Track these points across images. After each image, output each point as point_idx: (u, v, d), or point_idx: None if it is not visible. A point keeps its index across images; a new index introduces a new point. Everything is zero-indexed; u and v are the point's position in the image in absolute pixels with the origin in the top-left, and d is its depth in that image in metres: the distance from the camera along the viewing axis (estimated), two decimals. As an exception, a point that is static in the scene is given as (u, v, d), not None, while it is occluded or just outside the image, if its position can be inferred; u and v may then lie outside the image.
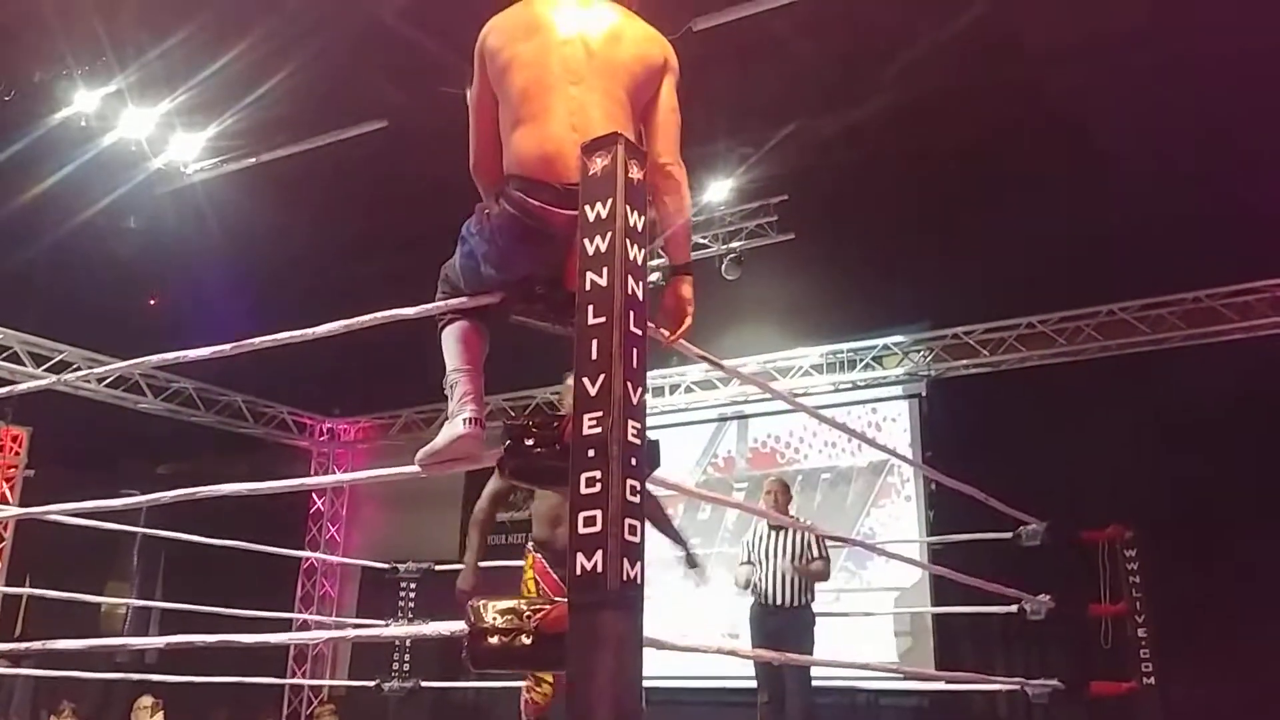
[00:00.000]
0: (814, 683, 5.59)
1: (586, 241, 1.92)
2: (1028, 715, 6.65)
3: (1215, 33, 5.46)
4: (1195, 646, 6.08)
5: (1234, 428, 6.37)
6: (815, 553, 5.86)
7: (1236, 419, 6.35)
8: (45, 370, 7.87)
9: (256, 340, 2.80)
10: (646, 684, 1.81)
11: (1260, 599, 6.15)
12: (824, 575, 5.92)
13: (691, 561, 4.41)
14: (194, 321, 7.14)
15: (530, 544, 3.92)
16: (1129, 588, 5.76)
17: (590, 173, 1.95)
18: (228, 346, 2.86)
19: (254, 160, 6.75)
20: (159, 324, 8.27)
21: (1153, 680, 5.58)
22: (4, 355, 7.77)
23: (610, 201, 1.91)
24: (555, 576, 3.66)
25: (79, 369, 7.80)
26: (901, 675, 7.23)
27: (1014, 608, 5.87)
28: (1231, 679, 6.15)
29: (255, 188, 6.99)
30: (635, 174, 1.94)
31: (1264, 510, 6.25)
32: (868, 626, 7.20)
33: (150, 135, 6.49)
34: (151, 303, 8.69)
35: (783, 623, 5.78)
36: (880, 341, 8.14)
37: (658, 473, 2.08)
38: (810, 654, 5.55)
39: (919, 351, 8.03)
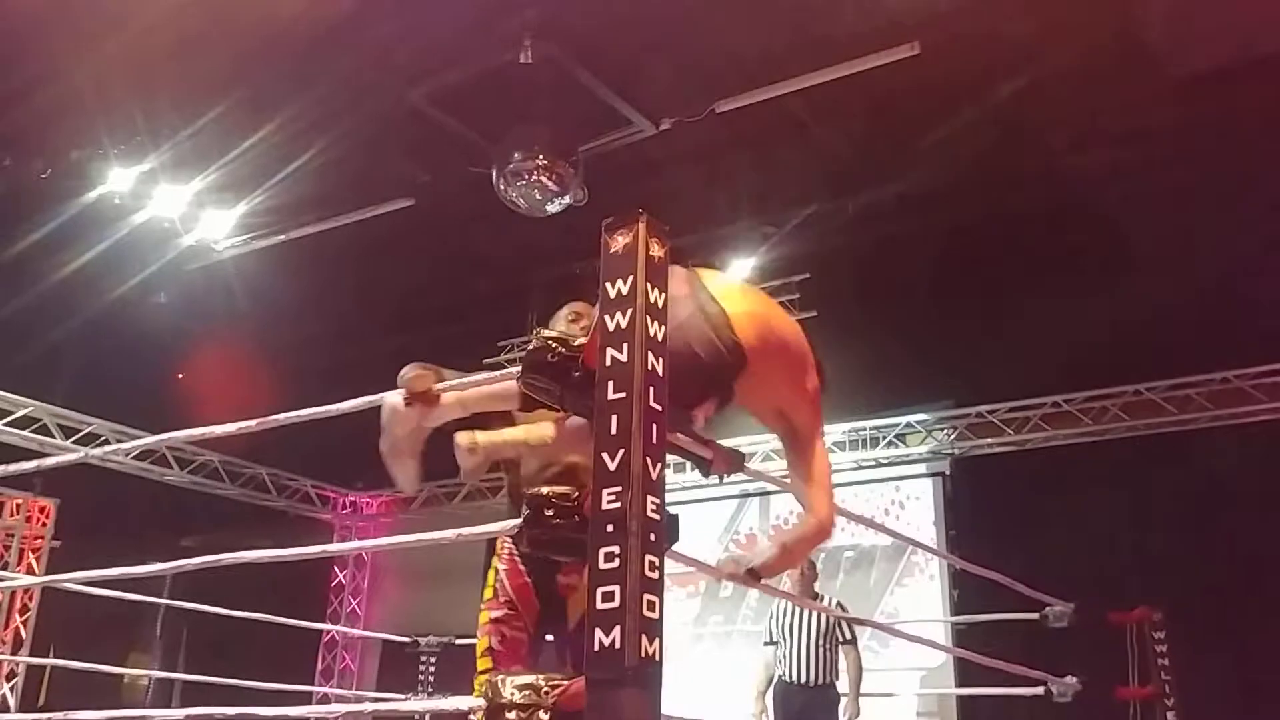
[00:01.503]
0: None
1: (607, 318, 1.95)
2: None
3: (1232, 120, 5.53)
4: (1228, 732, 5.95)
5: (1263, 509, 6.28)
6: (846, 634, 5.80)
7: (1266, 500, 6.26)
8: (74, 442, 7.95)
9: (282, 416, 2.85)
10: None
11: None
12: (858, 663, 5.85)
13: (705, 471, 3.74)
14: (221, 395, 7.22)
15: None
16: (1158, 671, 5.65)
17: (611, 250, 1.99)
18: (254, 422, 2.91)
19: (283, 237, 6.88)
20: (187, 398, 8.36)
21: (1185, 767, 5.46)
22: (34, 427, 7.86)
23: (631, 279, 1.94)
24: (528, 578, 3.02)
25: (107, 441, 7.87)
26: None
27: (1040, 690, 5.76)
28: (1266, 766, 5.99)
29: (284, 264, 7.12)
30: (656, 251, 1.98)
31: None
32: (892, 707, 7.06)
33: (182, 213, 6.63)
34: (179, 377, 8.80)
35: (807, 701, 5.69)
36: (904, 419, 8.11)
37: (678, 547, 2.09)
38: (834, 734, 5.46)
39: (943, 430, 8.00)
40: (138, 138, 6.04)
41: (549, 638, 3.01)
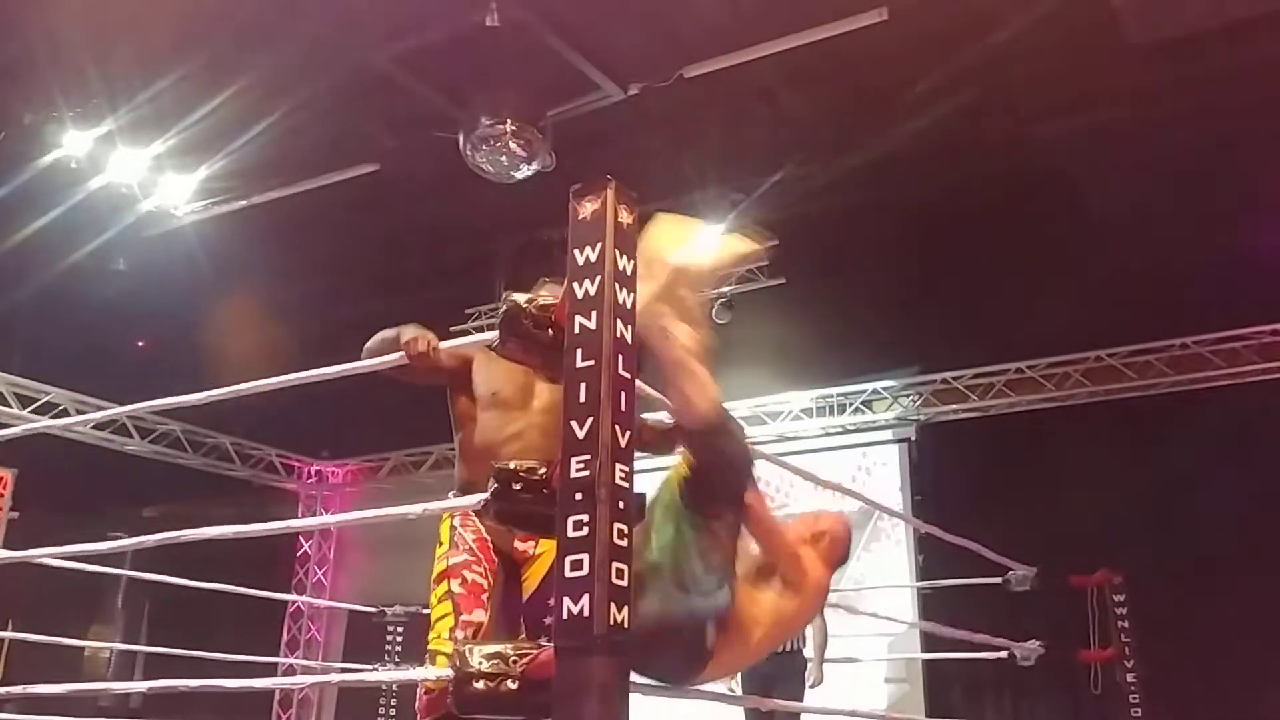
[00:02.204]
0: (805, 730, 5.53)
1: (576, 285, 1.93)
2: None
3: (1198, 87, 5.56)
4: (1184, 691, 6.06)
5: (1220, 473, 6.38)
6: None
7: (1224, 464, 6.36)
8: (31, 412, 7.83)
9: (245, 386, 2.80)
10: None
11: (1249, 644, 6.13)
12: (824, 629, 5.92)
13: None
14: (183, 364, 7.13)
15: (456, 488, 3.05)
16: (1118, 633, 5.75)
17: (579, 217, 1.97)
18: (219, 392, 2.86)
19: (245, 203, 6.77)
20: (148, 367, 8.25)
21: (1143, 726, 5.56)
22: (-10, 397, 7.74)
23: (600, 245, 1.92)
24: (485, 536, 2.88)
25: (66, 412, 7.76)
26: (892, 722, 7.17)
27: (1004, 654, 5.85)
28: (1222, 724, 6.13)
29: (246, 230, 7.01)
30: (625, 218, 1.96)
31: (1252, 555, 6.25)
32: (858, 672, 7.14)
33: (140, 178, 6.49)
34: (140, 345, 8.68)
35: (774, 668, 5.74)
36: (870, 386, 8.16)
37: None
38: (800, 700, 5.51)
39: (909, 396, 8.05)
40: (94, 100, 5.90)
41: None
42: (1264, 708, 6.04)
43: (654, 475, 2.55)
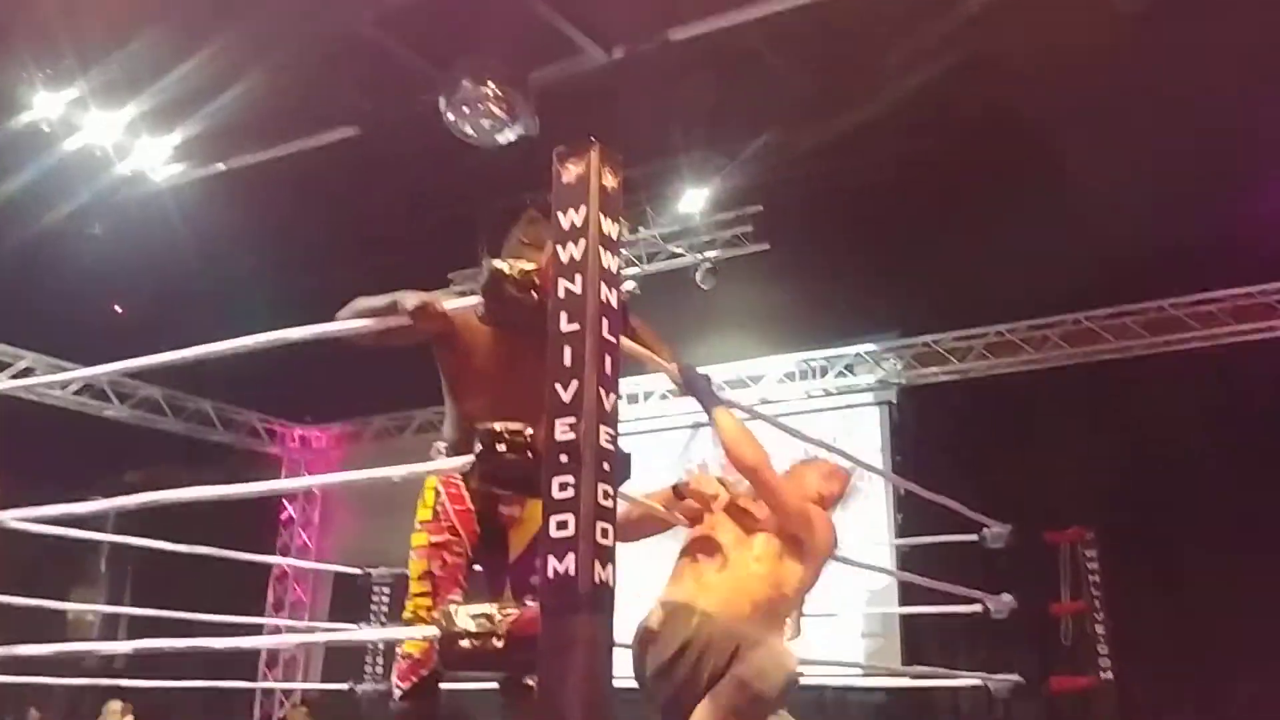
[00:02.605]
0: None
1: (560, 248, 1.94)
2: (989, 710, 6.71)
3: (1175, 52, 5.57)
4: (1151, 643, 6.20)
5: (1193, 433, 6.47)
6: None
7: (1195, 425, 6.45)
8: (8, 377, 7.78)
9: (223, 345, 2.80)
10: (618, 685, 1.83)
11: (1214, 597, 6.26)
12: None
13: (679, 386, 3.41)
14: (161, 328, 7.09)
15: (443, 445, 2.97)
16: (1089, 587, 5.88)
17: (563, 180, 1.97)
18: (195, 351, 2.86)
19: (222, 166, 6.71)
20: (126, 331, 8.20)
21: (1110, 675, 5.70)
22: (-34, 362, 7.68)
23: (584, 209, 1.93)
24: (470, 505, 2.87)
25: (41, 374, 7.71)
26: (868, 672, 7.30)
27: (978, 607, 5.95)
28: (1186, 674, 6.26)
29: (223, 194, 6.95)
30: (609, 181, 1.97)
31: (1219, 512, 6.36)
32: (836, 626, 7.25)
33: (115, 141, 6.42)
34: (117, 310, 8.62)
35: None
36: (852, 350, 8.20)
37: (630, 483, 2.12)
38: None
39: (889, 359, 8.10)
40: (66, 61, 5.82)
41: (477, 567, 2.95)
42: (1228, 658, 6.17)
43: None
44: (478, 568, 2.94)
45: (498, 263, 2.15)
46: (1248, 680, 6.02)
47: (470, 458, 2.08)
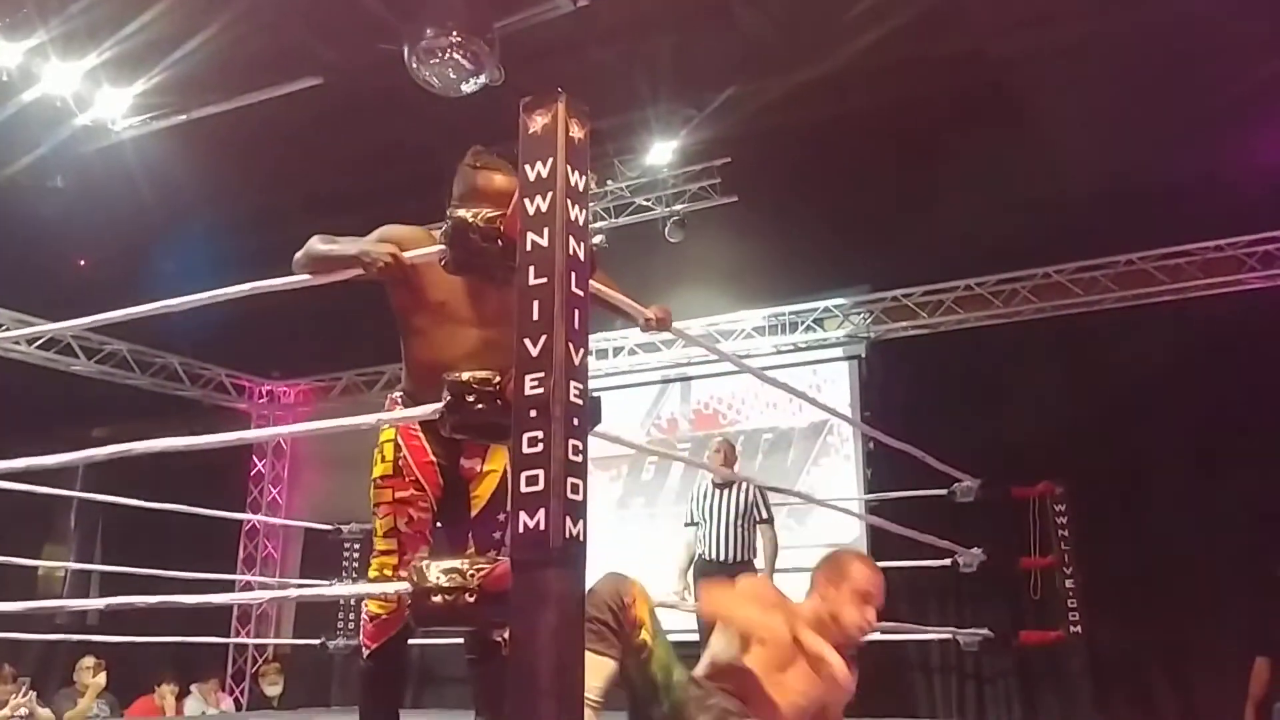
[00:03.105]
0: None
1: (527, 201, 1.92)
2: (959, 663, 6.83)
3: (1150, 4, 5.56)
4: (1120, 596, 6.30)
5: (1161, 388, 6.55)
6: (763, 514, 5.98)
7: (1163, 379, 6.53)
8: (-29, 333, 7.66)
9: (190, 298, 2.77)
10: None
11: (1183, 552, 6.37)
12: (774, 540, 6.04)
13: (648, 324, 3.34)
14: (126, 283, 6.99)
15: (399, 394, 2.95)
16: (1058, 541, 5.96)
17: (530, 131, 1.94)
18: (160, 304, 2.83)
19: (184, 117, 6.59)
20: (90, 285, 8.08)
21: (1079, 629, 5.80)
22: (-74, 317, 7.55)
23: (550, 160, 1.90)
24: (433, 458, 2.84)
25: (7, 329, 7.60)
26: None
27: (947, 561, 6.04)
28: (1153, 628, 6.38)
29: (187, 146, 6.83)
30: (577, 132, 1.94)
31: (1187, 466, 6.46)
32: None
33: (75, 91, 6.29)
34: (81, 264, 8.50)
35: (726, 578, 5.87)
36: (822, 304, 8.22)
37: (601, 428, 2.11)
38: (751, 609, 5.64)
39: (859, 314, 8.13)
40: (24, 10, 5.68)
41: (438, 524, 2.94)
42: (1195, 612, 6.29)
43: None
44: (439, 524, 2.93)
45: (461, 211, 2.13)
46: (1213, 633, 6.14)
47: (438, 406, 2.07)
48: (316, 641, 7.22)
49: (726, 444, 6.30)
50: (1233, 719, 5.64)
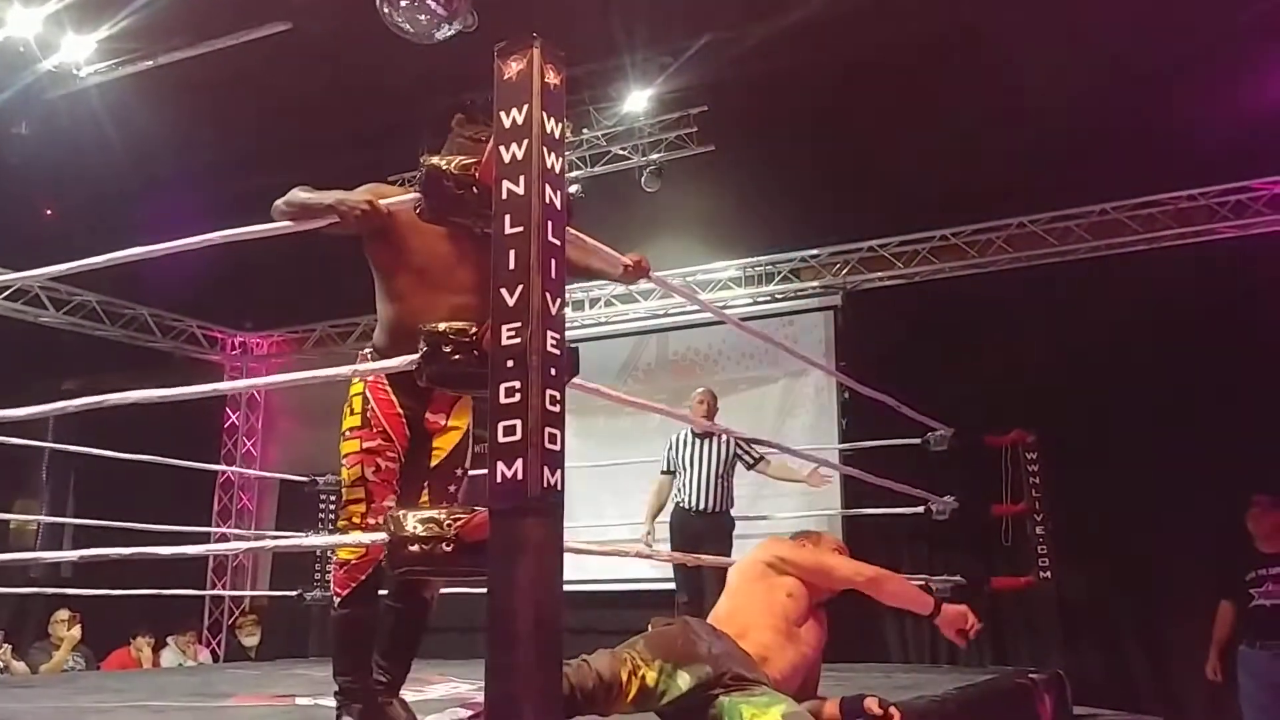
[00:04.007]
0: (730, 584, 5.74)
1: (502, 149, 1.90)
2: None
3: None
4: (1089, 543, 6.40)
5: (1133, 337, 6.60)
6: (754, 456, 6.06)
7: (1136, 328, 6.58)
8: (-63, 283, 7.54)
9: (160, 246, 2.74)
10: (567, 588, 1.85)
11: (1149, 498, 6.46)
12: (783, 464, 6.21)
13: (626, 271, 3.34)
14: (94, 233, 6.89)
15: (369, 351, 2.94)
16: (1029, 489, 6.03)
17: (505, 77, 1.92)
18: (127, 252, 2.80)
19: (151, 63, 6.45)
20: (58, 235, 7.96)
21: (1049, 575, 5.89)
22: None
23: (526, 107, 1.88)
24: (399, 410, 2.87)
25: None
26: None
27: (921, 509, 6.11)
28: (1121, 573, 6.50)
29: (154, 92, 6.70)
30: (552, 78, 1.92)
31: (1157, 415, 6.52)
32: (783, 528, 7.38)
33: (38, 34, 6.15)
34: (48, 213, 8.36)
35: (704, 526, 5.94)
36: (798, 255, 8.21)
37: (579, 379, 2.11)
38: (728, 556, 5.70)
39: (835, 264, 8.13)
40: (-17, -47, 5.54)
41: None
42: (1160, 557, 6.40)
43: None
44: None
45: (435, 159, 2.11)
46: (1179, 578, 6.26)
47: (414, 358, 2.06)
48: (293, 593, 7.25)
49: (709, 394, 6.33)
50: (1197, 661, 5.76)
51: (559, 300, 1.87)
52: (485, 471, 1.83)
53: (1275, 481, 5.72)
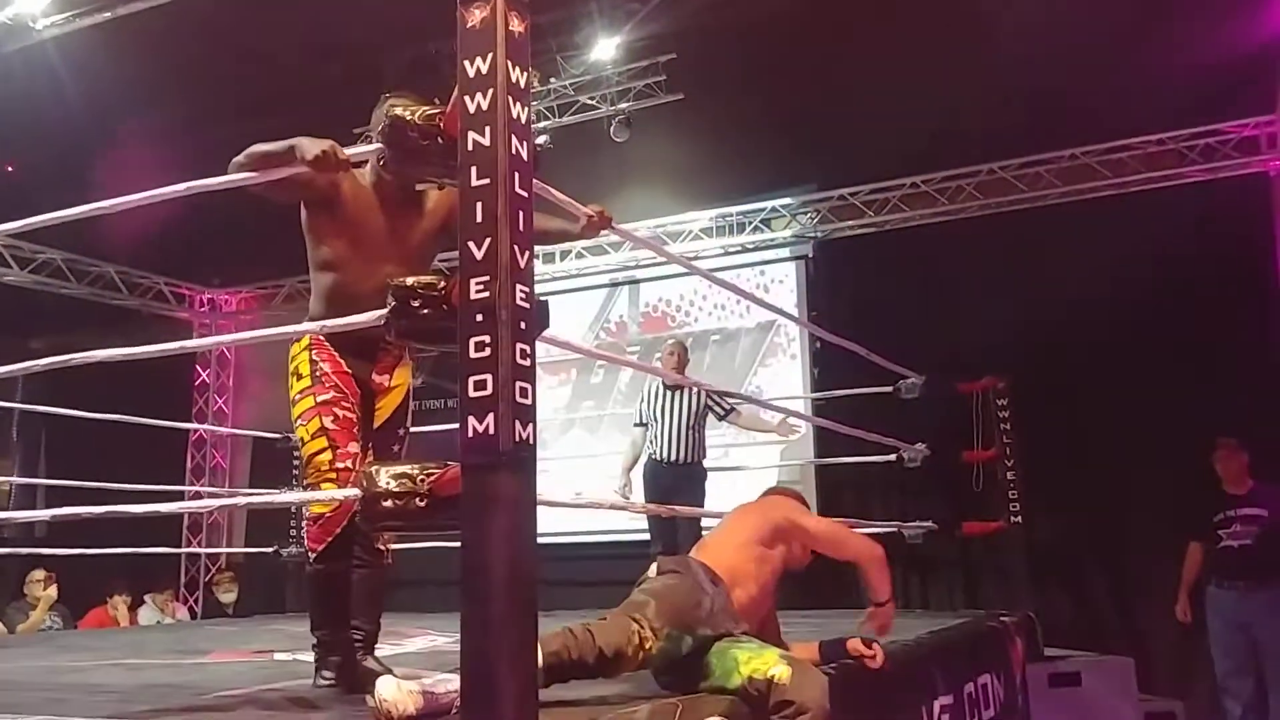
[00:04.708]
0: (704, 533, 5.79)
1: (467, 99, 1.87)
2: (904, 554, 7.00)
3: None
4: (1059, 487, 6.49)
5: (1103, 282, 6.63)
6: (724, 407, 6.08)
7: (1105, 274, 6.61)
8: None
9: (123, 199, 2.70)
10: (541, 541, 1.86)
11: (1118, 442, 6.55)
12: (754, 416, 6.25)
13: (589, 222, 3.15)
14: (56, 189, 6.76)
15: (307, 320, 2.94)
16: (1000, 435, 6.09)
17: (468, 25, 1.88)
18: (93, 206, 2.76)
19: (109, 15, 6.31)
20: (18, 191, 7.82)
21: (1019, 519, 5.97)
22: None
23: (490, 56, 1.85)
24: (347, 370, 2.90)
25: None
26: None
27: (892, 456, 6.16)
28: (1090, 516, 6.60)
29: (112, 44, 6.55)
30: (517, 26, 1.89)
31: (1125, 360, 6.59)
32: (755, 479, 7.44)
33: (-8, -13, 6.01)
34: (9, 170, 8.21)
35: (676, 478, 5.96)
36: (769, 204, 8.18)
37: (549, 333, 2.10)
38: (701, 507, 5.75)
39: (806, 213, 8.11)
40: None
41: None
42: (1130, 500, 6.50)
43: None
44: None
45: (399, 109, 2.08)
46: (1148, 520, 6.36)
47: (382, 312, 2.05)
48: (270, 549, 7.25)
49: (680, 346, 6.33)
50: (1166, 602, 5.88)
51: (528, 253, 1.85)
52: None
53: (1241, 424, 5.81)
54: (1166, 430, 6.31)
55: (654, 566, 2.80)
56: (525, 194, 1.86)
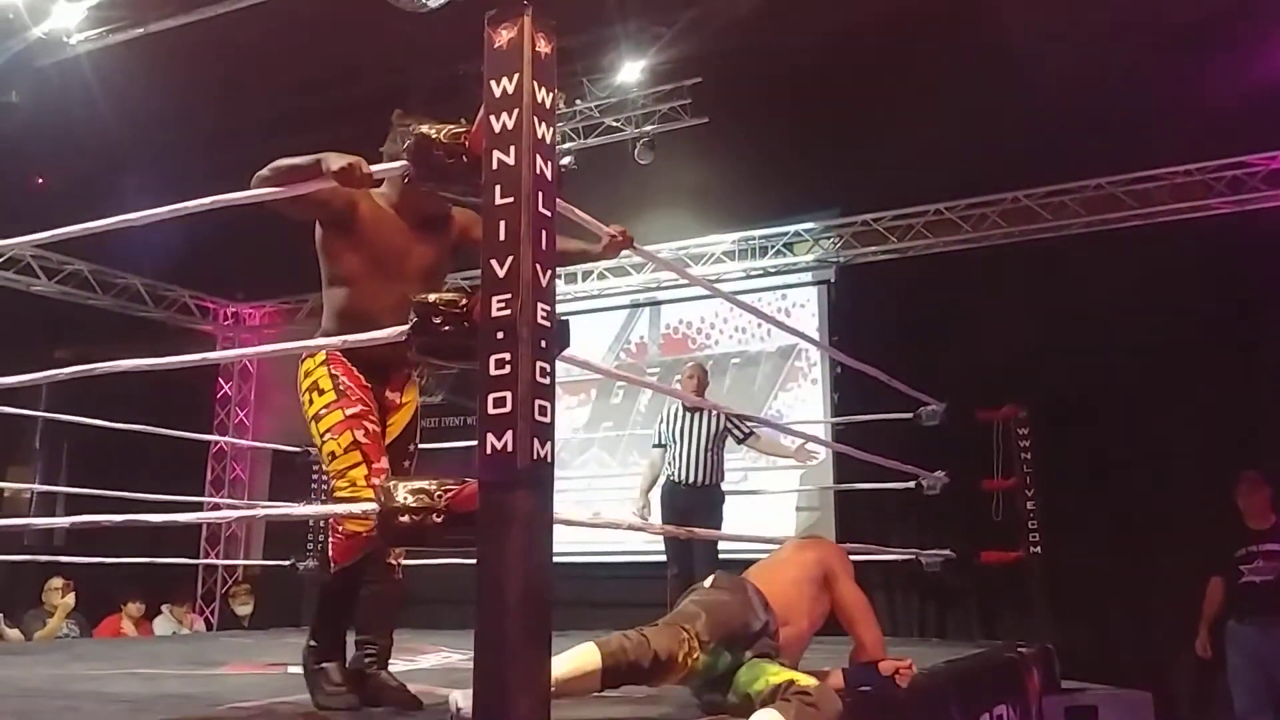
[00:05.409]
0: (720, 556, 5.77)
1: (493, 118, 1.88)
2: (921, 583, 6.96)
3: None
4: (1080, 518, 6.43)
5: (1126, 312, 6.60)
6: (744, 431, 6.06)
7: (1129, 304, 6.57)
8: (-73, 252, 7.50)
9: (150, 212, 2.73)
10: (558, 560, 1.85)
11: (1139, 474, 6.49)
12: (772, 441, 6.26)
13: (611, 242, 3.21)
14: (85, 202, 6.85)
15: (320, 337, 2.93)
16: (1020, 464, 6.05)
17: (495, 45, 1.90)
18: (121, 218, 2.79)
19: (141, 31, 6.40)
20: (49, 204, 7.92)
21: (1039, 549, 5.91)
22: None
23: (516, 76, 1.86)
24: (366, 382, 2.90)
25: (-36, 250, 7.45)
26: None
27: (912, 484, 6.12)
28: (1110, 548, 6.52)
29: (144, 61, 6.65)
30: (543, 47, 1.90)
31: (1148, 391, 6.54)
32: (773, 503, 7.42)
33: (29, 2, 6.09)
34: (39, 182, 8.31)
35: (694, 500, 5.94)
36: (792, 228, 8.19)
37: (569, 352, 2.10)
38: (718, 529, 5.73)
39: (829, 238, 8.11)
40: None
41: None
42: (1150, 533, 6.43)
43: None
44: None
45: (425, 127, 2.09)
46: (1168, 554, 6.28)
47: (404, 329, 2.05)
48: (286, 562, 7.26)
49: (700, 369, 6.32)
50: (1186, 637, 5.80)
51: (549, 272, 1.86)
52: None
53: (1265, 458, 5.75)
54: (1189, 463, 6.25)
55: (710, 579, 2.80)
56: (549, 213, 1.87)
